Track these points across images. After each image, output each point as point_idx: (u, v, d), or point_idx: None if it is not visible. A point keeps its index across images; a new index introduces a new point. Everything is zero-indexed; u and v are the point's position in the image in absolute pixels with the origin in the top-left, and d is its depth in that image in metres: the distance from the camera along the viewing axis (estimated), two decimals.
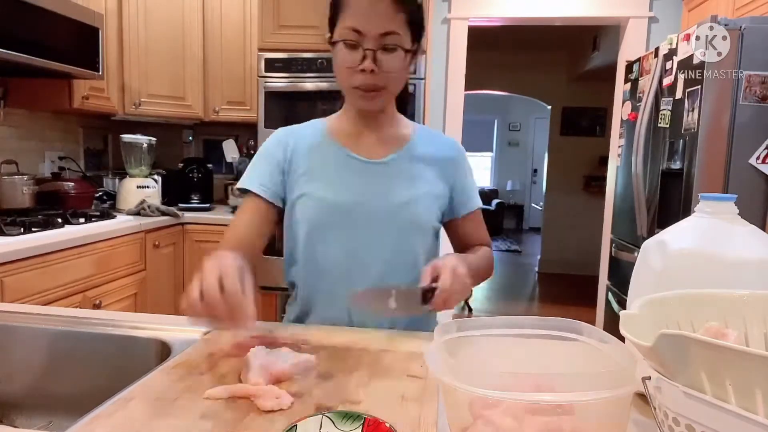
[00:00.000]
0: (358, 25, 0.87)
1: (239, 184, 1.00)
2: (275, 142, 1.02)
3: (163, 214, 2.47)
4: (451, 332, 0.59)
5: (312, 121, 1.08)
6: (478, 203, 1.09)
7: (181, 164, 2.88)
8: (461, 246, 1.10)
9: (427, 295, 0.82)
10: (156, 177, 2.71)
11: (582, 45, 5.05)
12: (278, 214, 1.02)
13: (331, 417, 0.55)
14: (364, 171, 0.99)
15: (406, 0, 0.89)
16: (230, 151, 2.76)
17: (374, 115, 1.00)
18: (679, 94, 2.06)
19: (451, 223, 1.08)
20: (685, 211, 1.97)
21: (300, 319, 1.03)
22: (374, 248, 0.96)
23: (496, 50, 5.38)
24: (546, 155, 6.05)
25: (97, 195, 2.58)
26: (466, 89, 3.26)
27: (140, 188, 2.58)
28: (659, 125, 2.21)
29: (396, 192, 0.98)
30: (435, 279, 0.82)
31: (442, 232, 1.11)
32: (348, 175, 0.98)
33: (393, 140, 1.02)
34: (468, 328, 0.59)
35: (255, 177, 1.00)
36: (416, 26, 0.93)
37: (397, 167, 1.00)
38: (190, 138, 3.18)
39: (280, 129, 1.06)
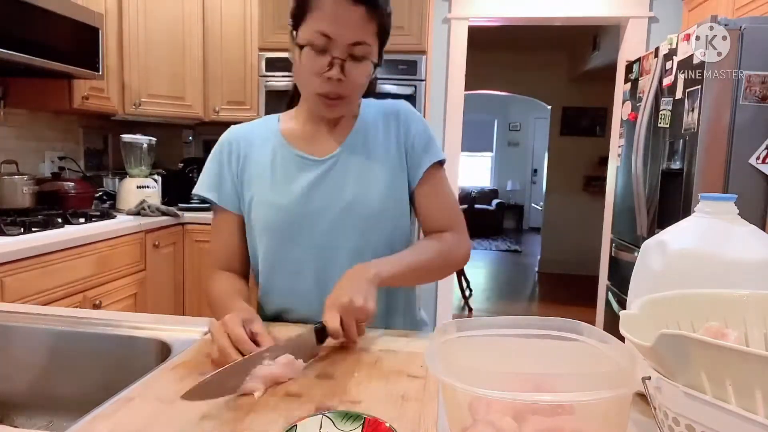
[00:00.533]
0: (328, 31, 0.84)
1: (196, 190, 1.00)
2: (227, 147, 0.99)
3: (163, 214, 2.47)
4: (451, 332, 0.59)
5: (266, 118, 1.04)
6: (435, 157, 0.98)
7: (181, 164, 2.88)
8: (425, 228, 1.02)
9: (322, 333, 0.78)
10: (156, 177, 2.71)
11: (582, 45, 5.06)
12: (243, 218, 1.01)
13: (331, 417, 0.55)
14: (314, 170, 0.95)
15: (378, 10, 0.87)
16: None
17: (331, 121, 0.98)
18: (679, 94, 2.06)
19: (414, 194, 1.00)
20: (685, 211, 1.97)
21: (277, 318, 1.00)
22: (341, 245, 0.94)
23: (496, 50, 5.38)
24: (546, 155, 6.05)
25: (97, 195, 2.58)
26: (466, 89, 3.26)
27: (140, 188, 2.58)
28: (659, 125, 2.21)
29: (347, 187, 0.94)
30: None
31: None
32: (299, 177, 0.95)
33: (343, 129, 0.99)
34: (468, 328, 0.59)
35: (211, 185, 0.99)
36: (384, 36, 0.91)
37: (345, 161, 0.96)
38: (190, 138, 3.18)
39: (232, 129, 1.02)
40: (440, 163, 0.99)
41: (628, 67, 2.62)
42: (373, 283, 0.83)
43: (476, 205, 8.57)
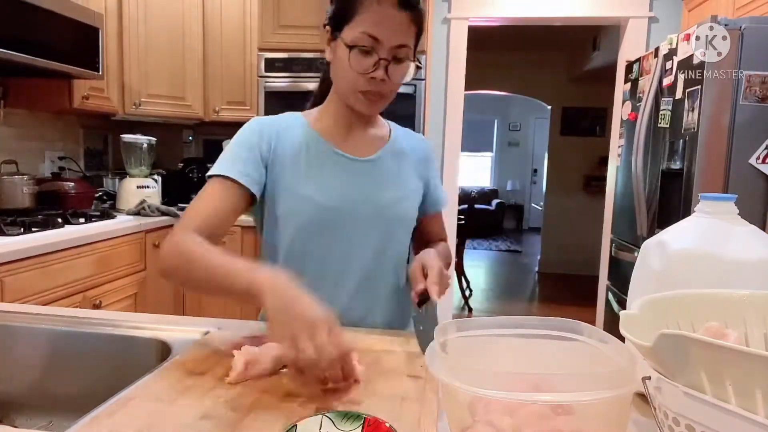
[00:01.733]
0: (377, 33, 0.88)
1: (215, 170, 0.91)
2: (255, 132, 0.96)
3: (163, 214, 2.47)
4: (451, 332, 0.59)
5: (287, 115, 1.03)
6: (444, 206, 1.15)
7: (181, 164, 2.88)
8: (423, 241, 1.13)
9: (418, 299, 0.87)
10: (156, 177, 2.71)
11: (582, 45, 5.05)
12: (249, 204, 0.95)
13: (331, 417, 0.55)
14: (352, 169, 0.99)
15: (420, 14, 0.92)
16: None
17: (367, 117, 1.02)
18: (679, 94, 2.06)
19: (419, 219, 1.10)
20: (685, 211, 1.97)
21: None
22: (363, 246, 0.97)
23: (496, 50, 5.38)
24: (546, 155, 6.05)
25: (97, 195, 2.58)
26: (466, 89, 3.26)
27: (140, 188, 2.58)
28: (659, 125, 2.21)
29: (385, 190, 0.99)
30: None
31: None
32: (336, 173, 0.97)
33: (376, 138, 1.04)
34: (468, 328, 0.59)
35: (234, 164, 0.92)
36: (419, 39, 0.96)
37: (383, 165, 1.01)
38: (190, 138, 3.18)
39: (257, 119, 1.00)
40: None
41: (628, 67, 2.62)
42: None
43: (476, 205, 8.54)
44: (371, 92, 0.92)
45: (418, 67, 0.96)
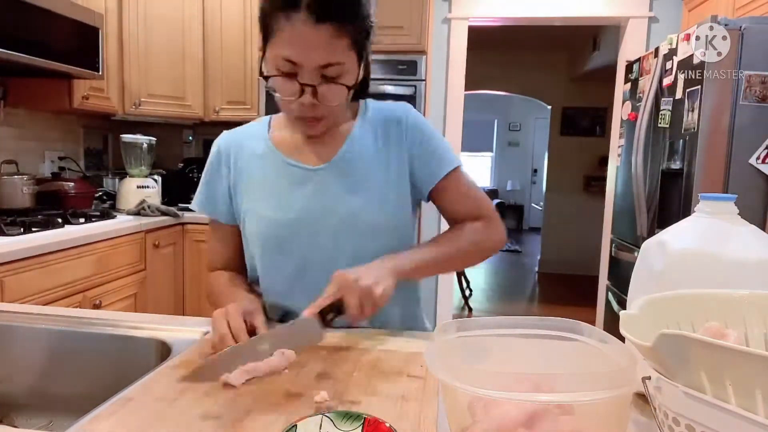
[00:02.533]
0: (292, 56, 0.77)
1: (194, 206, 0.99)
2: (217, 158, 0.97)
3: (163, 214, 2.47)
4: (451, 332, 0.59)
5: (258, 121, 1.00)
6: (450, 165, 0.93)
7: (181, 164, 2.88)
8: (450, 220, 0.99)
9: (327, 317, 0.78)
10: (156, 177, 2.72)
11: (582, 45, 5.06)
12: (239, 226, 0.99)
13: (331, 417, 0.55)
14: (305, 180, 0.91)
15: (350, 19, 0.78)
16: None
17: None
18: (679, 94, 2.06)
19: (431, 197, 0.97)
20: (685, 211, 1.97)
21: (269, 312, 0.99)
22: (334, 257, 0.90)
23: (496, 50, 5.38)
24: (546, 155, 6.05)
25: (97, 195, 2.58)
26: (466, 89, 3.26)
27: (140, 188, 2.58)
28: (659, 125, 2.21)
29: (343, 200, 0.90)
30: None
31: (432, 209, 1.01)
32: (289, 186, 0.91)
33: (335, 137, 0.93)
34: (468, 328, 0.59)
35: (205, 201, 0.98)
36: (361, 45, 0.83)
37: (340, 170, 0.91)
38: (190, 138, 3.18)
39: (223, 136, 0.99)
40: (455, 168, 0.94)
41: (628, 67, 2.62)
42: (391, 273, 0.82)
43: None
44: (305, 117, 0.84)
45: (349, 88, 0.83)
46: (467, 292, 4.46)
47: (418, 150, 0.93)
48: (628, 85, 2.59)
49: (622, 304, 2.51)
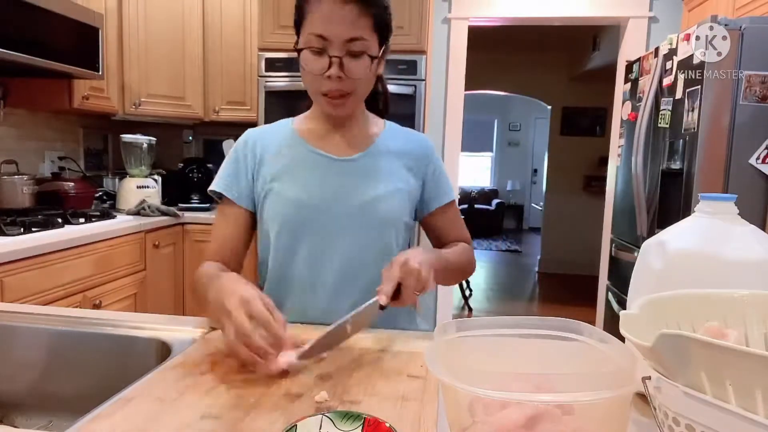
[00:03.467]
0: (322, 32, 0.87)
1: (212, 187, 1.02)
2: (243, 146, 1.03)
3: (163, 214, 2.47)
4: (451, 332, 0.59)
5: (280, 121, 1.08)
6: (451, 197, 1.08)
7: (181, 164, 2.88)
8: (438, 243, 1.10)
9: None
10: (156, 177, 2.71)
11: (582, 45, 5.06)
12: (253, 219, 1.03)
13: (331, 417, 0.55)
14: (334, 169, 0.99)
15: (372, 3, 0.88)
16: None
17: (342, 119, 1.01)
18: (679, 94, 2.06)
19: (425, 219, 1.08)
20: (685, 211, 1.97)
21: None
22: (344, 245, 0.97)
23: (496, 50, 5.38)
24: (546, 155, 6.05)
25: (97, 195, 2.58)
26: (466, 89, 3.26)
27: (140, 188, 2.58)
28: (659, 125, 2.21)
29: (365, 189, 0.98)
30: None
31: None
32: (317, 173, 0.98)
33: (361, 139, 1.03)
34: (468, 328, 0.59)
35: (227, 182, 1.01)
36: (383, 29, 0.92)
37: (366, 164, 1.00)
38: (190, 138, 3.18)
39: (249, 131, 1.06)
40: (452, 200, 1.09)
41: (628, 67, 2.62)
42: (431, 263, 0.84)
43: (476, 205, 8.57)
44: (332, 92, 0.91)
45: (372, 58, 0.90)
46: (467, 292, 4.46)
47: (432, 177, 1.06)
48: (628, 85, 2.59)
49: (622, 304, 2.51)
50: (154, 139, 2.69)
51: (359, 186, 0.98)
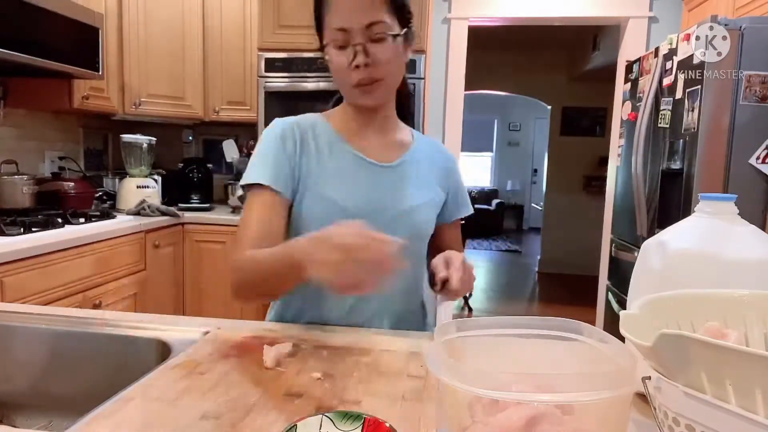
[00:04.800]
0: (342, 24, 0.88)
1: (250, 179, 0.93)
2: (278, 135, 0.96)
3: (163, 214, 2.47)
4: (451, 332, 0.59)
5: (309, 115, 1.03)
6: (469, 210, 1.12)
7: (181, 164, 2.88)
8: (438, 250, 1.07)
9: (434, 280, 0.89)
10: (156, 177, 2.71)
11: (582, 45, 5.05)
12: (289, 207, 0.96)
13: (331, 417, 0.55)
14: (376, 175, 0.98)
15: None
16: (230, 151, 2.76)
17: (377, 111, 0.99)
18: (679, 94, 2.06)
19: (438, 228, 1.08)
20: (685, 211, 1.97)
21: (295, 318, 1.00)
22: None
23: (496, 50, 5.38)
24: (546, 155, 6.05)
25: (97, 195, 2.58)
26: (466, 89, 3.26)
27: (140, 188, 2.58)
28: (659, 125, 2.21)
29: (404, 197, 0.98)
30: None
31: None
32: (359, 178, 0.97)
33: (397, 144, 1.03)
34: (468, 328, 0.59)
35: (268, 171, 0.93)
36: (401, 10, 0.92)
37: (405, 172, 1.01)
38: (190, 138, 3.18)
39: (279, 121, 1.00)
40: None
41: (628, 67, 2.62)
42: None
43: (476, 205, 8.53)
44: (362, 81, 0.90)
45: (395, 36, 0.90)
46: (467, 292, 4.46)
47: (454, 190, 1.09)
48: (628, 85, 2.59)
49: (622, 304, 2.51)
50: (154, 139, 2.69)
51: (397, 194, 0.98)
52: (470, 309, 4.32)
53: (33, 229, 1.83)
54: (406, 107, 1.10)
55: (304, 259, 0.71)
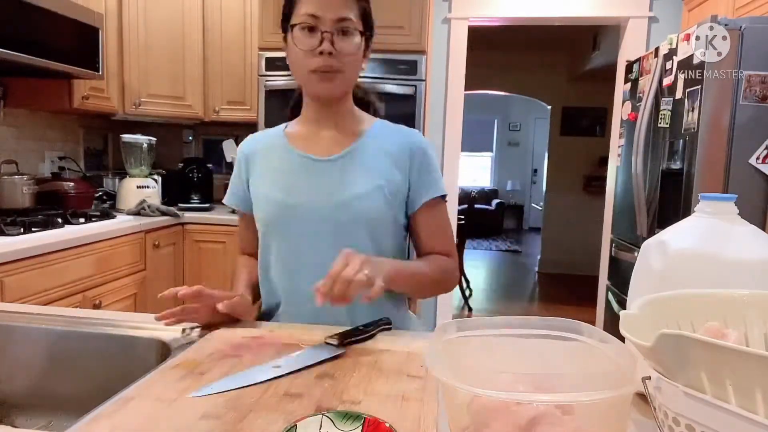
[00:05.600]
0: (315, 11, 0.92)
1: (225, 200, 1.13)
2: (240, 154, 1.10)
3: (163, 214, 2.47)
4: (451, 332, 0.59)
5: (277, 126, 1.11)
6: (437, 192, 1.02)
7: (181, 164, 2.88)
8: (422, 250, 1.05)
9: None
10: (156, 177, 2.71)
11: (582, 45, 5.05)
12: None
13: (331, 417, 0.55)
14: (314, 170, 1.00)
15: None
16: (230, 151, 2.76)
17: (332, 104, 1.01)
18: (679, 94, 2.06)
19: (411, 219, 1.04)
20: (685, 211, 1.97)
21: (267, 315, 1.07)
22: (318, 245, 0.97)
23: (496, 50, 5.38)
24: (546, 155, 6.05)
25: (97, 195, 2.58)
26: (466, 89, 3.26)
27: (140, 188, 2.58)
28: (659, 125, 2.21)
29: (343, 188, 0.98)
30: None
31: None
32: (297, 174, 1.01)
33: (346, 136, 1.03)
34: (468, 328, 0.59)
35: (232, 195, 1.11)
36: (367, 21, 0.98)
37: (345, 163, 1.00)
38: (190, 138, 3.18)
39: (246, 139, 1.12)
40: (442, 197, 1.04)
41: (628, 67, 2.62)
42: (381, 270, 0.83)
43: (476, 205, 8.55)
44: (323, 68, 0.93)
45: (363, 34, 0.97)
46: (467, 292, 4.46)
47: (417, 172, 1.02)
48: (628, 85, 2.59)
49: (622, 304, 2.51)
50: (154, 139, 2.69)
51: (337, 185, 0.98)
52: (470, 309, 4.32)
53: (33, 229, 1.83)
54: (372, 110, 1.13)
55: None
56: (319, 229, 0.97)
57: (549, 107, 5.89)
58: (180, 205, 2.72)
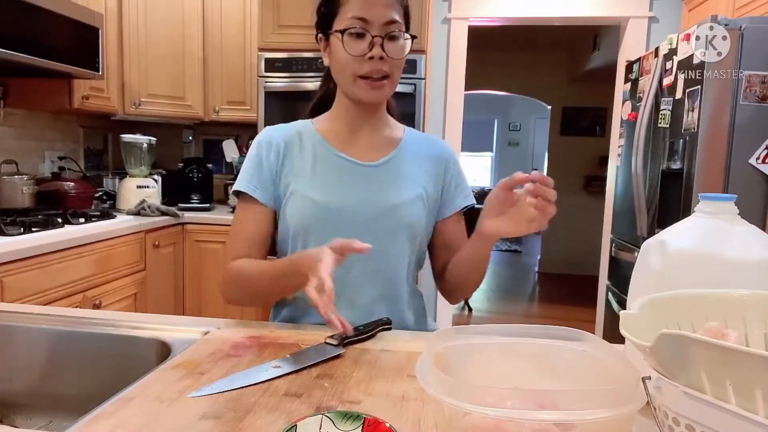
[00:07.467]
0: (364, 15, 0.90)
1: (236, 187, 1.00)
2: (263, 145, 1.01)
3: (163, 214, 2.47)
4: (448, 339, 0.58)
5: (297, 122, 1.06)
6: (467, 202, 1.07)
7: (181, 164, 2.88)
8: (447, 252, 1.05)
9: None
10: (156, 177, 2.72)
11: (582, 45, 5.05)
12: (275, 217, 1.01)
13: (331, 417, 0.55)
14: (356, 174, 0.99)
15: None
16: (230, 151, 2.76)
17: (373, 110, 1.00)
18: (679, 94, 2.06)
19: (439, 224, 1.06)
20: (685, 211, 1.97)
21: (294, 320, 1.02)
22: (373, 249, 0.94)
23: (496, 50, 5.38)
24: (546, 155, 6.05)
25: (97, 195, 2.58)
26: (466, 89, 3.26)
27: (140, 188, 2.58)
28: (659, 125, 2.21)
29: (386, 195, 0.98)
30: None
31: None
32: (339, 177, 0.98)
33: (385, 143, 1.03)
34: (466, 336, 0.58)
35: (251, 181, 0.99)
36: (408, 18, 0.97)
37: (388, 170, 1.00)
38: (190, 138, 3.18)
39: (269, 130, 1.04)
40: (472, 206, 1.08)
41: (628, 67, 2.62)
42: None
43: (476, 205, 8.54)
44: (373, 74, 0.92)
45: (413, 37, 0.96)
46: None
47: (450, 184, 1.06)
48: (628, 85, 2.59)
49: (622, 304, 2.51)
50: (154, 139, 2.69)
51: (382, 192, 0.98)
52: (470, 309, 4.32)
53: (33, 229, 1.83)
54: (392, 108, 1.11)
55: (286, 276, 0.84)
56: (359, 234, 0.91)
57: (549, 107, 5.89)
58: (180, 205, 2.72)
